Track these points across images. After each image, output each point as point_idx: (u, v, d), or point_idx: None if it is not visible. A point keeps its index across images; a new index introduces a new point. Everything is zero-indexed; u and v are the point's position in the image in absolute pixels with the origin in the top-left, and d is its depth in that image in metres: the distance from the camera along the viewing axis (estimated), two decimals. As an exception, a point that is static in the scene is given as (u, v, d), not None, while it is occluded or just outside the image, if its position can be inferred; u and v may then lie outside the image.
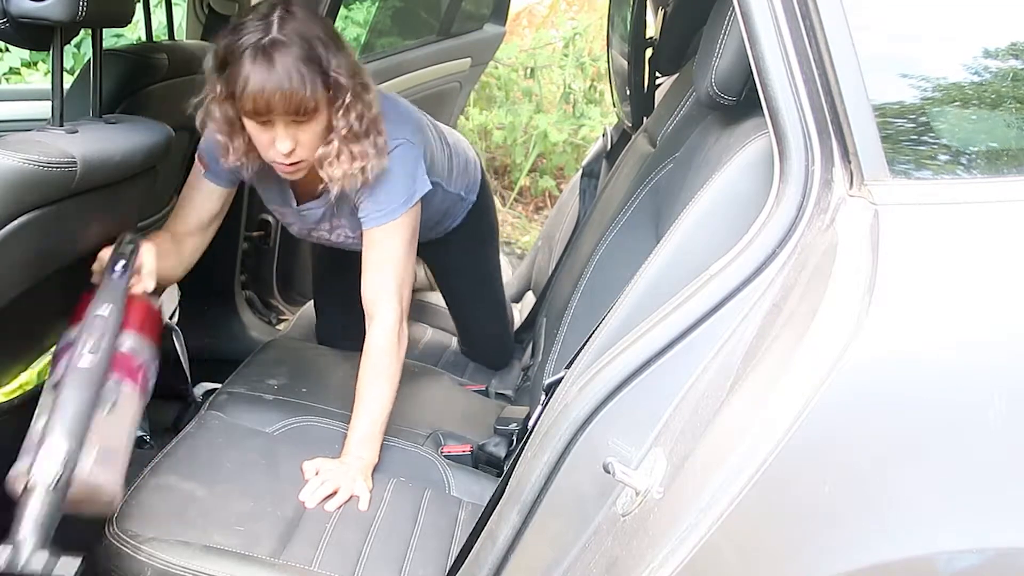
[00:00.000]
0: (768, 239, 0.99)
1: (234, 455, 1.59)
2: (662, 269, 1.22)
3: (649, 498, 0.96)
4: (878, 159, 0.94)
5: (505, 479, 1.25)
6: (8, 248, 1.30)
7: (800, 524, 0.89)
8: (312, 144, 1.57)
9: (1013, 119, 0.99)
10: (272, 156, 1.58)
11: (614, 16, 2.63)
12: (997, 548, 0.86)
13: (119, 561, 1.34)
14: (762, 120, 1.02)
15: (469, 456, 1.75)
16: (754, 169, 1.16)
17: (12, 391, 1.49)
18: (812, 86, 0.97)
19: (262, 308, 2.89)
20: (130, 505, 1.43)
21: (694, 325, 1.02)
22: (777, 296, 0.97)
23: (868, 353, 0.85)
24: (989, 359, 0.87)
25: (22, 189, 1.28)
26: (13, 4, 1.30)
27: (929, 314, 0.88)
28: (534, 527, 1.11)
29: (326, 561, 1.40)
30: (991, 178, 0.97)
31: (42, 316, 1.57)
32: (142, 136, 1.59)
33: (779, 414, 0.86)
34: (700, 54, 1.34)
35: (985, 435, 0.86)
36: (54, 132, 1.41)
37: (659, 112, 2.01)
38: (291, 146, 1.55)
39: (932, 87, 0.98)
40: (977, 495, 0.86)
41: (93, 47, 1.57)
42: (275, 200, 1.86)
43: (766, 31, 0.98)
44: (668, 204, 1.55)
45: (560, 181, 5.06)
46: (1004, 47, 0.99)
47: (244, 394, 1.79)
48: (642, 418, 1.04)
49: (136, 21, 1.98)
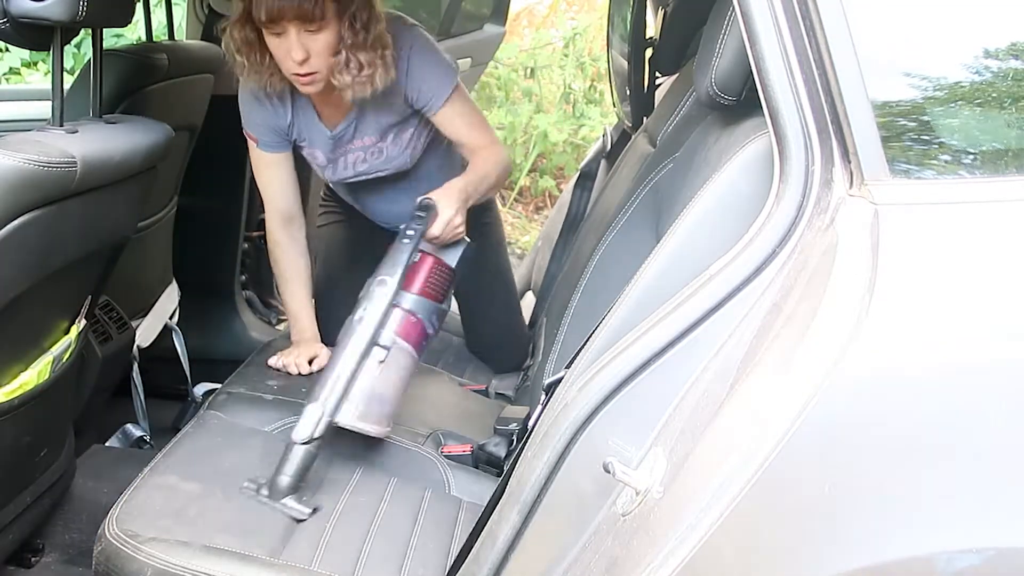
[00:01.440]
0: (768, 239, 0.99)
1: (234, 455, 1.59)
2: (662, 269, 1.22)
3: (649, 498, 0.96)
4: (878, 159, 0.94)
5: (505, 479, 1.25)
6: (8, 248, 1.30)
7: (800, 524, 0.89)
8: (324, 54, 1.69)
9: (1014, 119, 0.99)
10: (289, 68, 1.71)
11: (614, 16, 2.63)
12: (997, 548, 0.86)
13: (119, 561, 1.34)
14: (762, 120, 1.02)
15: (469, 456, 1.75)
16: (754, 169, 1.16)
17: (12, 391, 1.49)
18: (812, 86, 0.96)
19: (262, 308, 2.89)
20: (130, 505, 1.43)
21: (694, 325, 1.02)
22: (777, 296, 0.97)
23: (868, 353, 0.85)
24: (989, 359, 0.87)
25: (22, 189, 1.28)
26: (13, 4, 1.30)
27: (929, 314, 0.88)
28: (534, 527, 1.11)
29: (326, 561, 1.39)
30: (991, 178, 0.97)
31: (42, 316, 1.57)
32: (142, 136, 1.59)
33: (779, 414, 0.86)
34: (700, 54, 1.34)
35: (985, 435, 0.86)
36: (54, 132, 1.41)
37: (659, 112, 2.01)
38: (303, 55, 1.67)
39: (932, 87, 0.98)
40: (977, 494, 0.86)
41: (93, 47, 1.57)
42: (308, 140, 1.93)
43: (766, 31, 0.98)
44: (668, 204, 1.55)
45: (560, 181, 5.06)
46: (1004, 47, 0.99)
47: (244, 394, 1.79)
48: (642, 418, 1.04)
49: (136, 21, 1.99)
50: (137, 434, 2.29)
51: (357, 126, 1.91)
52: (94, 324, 2.00)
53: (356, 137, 1.93)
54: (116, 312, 2.12)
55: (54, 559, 1.85)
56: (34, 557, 1.84)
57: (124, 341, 2.12)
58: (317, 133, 1.92)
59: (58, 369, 1.62)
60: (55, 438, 1.77)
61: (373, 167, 1.98)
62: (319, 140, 1.93)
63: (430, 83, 1.85)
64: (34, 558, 1.84)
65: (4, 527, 1.62)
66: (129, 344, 2.17)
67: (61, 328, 1.65)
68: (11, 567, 1.79)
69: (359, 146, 1.94)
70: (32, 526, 1.76)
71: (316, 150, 1.95)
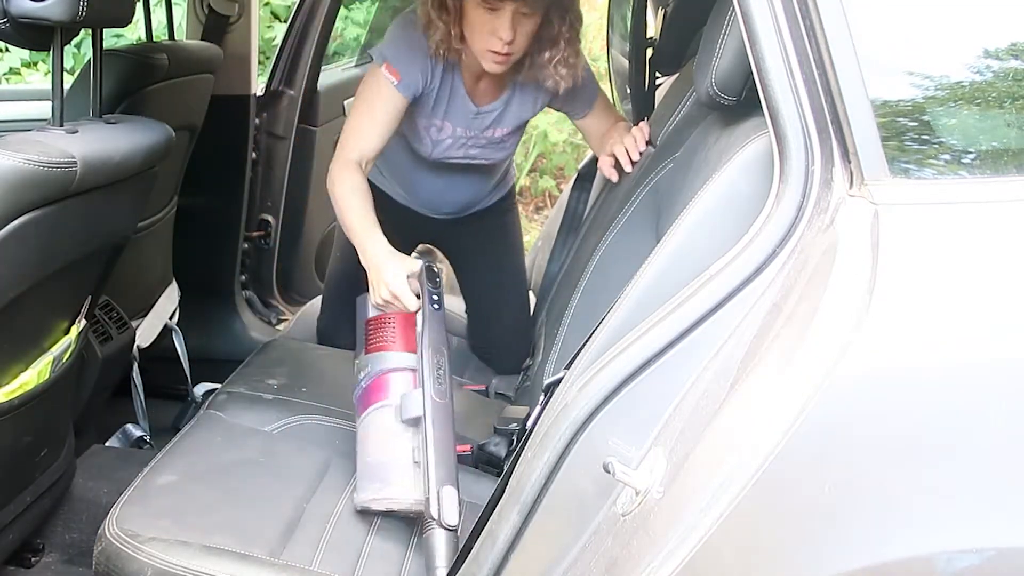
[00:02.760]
0: (768, 239, 0.99)
1: (234, 454, 1.59)
2: (662, 269, 1.21)
3: (649, 498, 0.96)
4: (878, 159, 0.94)
5: (505, 479, 1.24)
6: (8, 248, 1.30)
7: (800, 524, 0.89)
8: (525, 40, 1.73)
9: (1013, 119, 0.99)
10: (489, 44, 1.71)
11: (614, 16, 2.63)
12: (997, 548, 0.86)
13: (119, 561, 1.34)
14: (762, 120, 1.02)
15: (469, 456, 1.75)
16: (754, 169, 1.16)
17: (12, 391, 1.49)
18: (812, 86, 0.96)
19: (262, 308, 2.89)
20: (130, 505, 1.43)
21: (694, 325, 1.02)
22: (777, 296, 0.97)
23: (868, 353, 0.85)
24: (989, 359, 0.87)
25: (22, 189, 1.28)
26: (13, 4, 1.30)
27: (929, 313, 0.88)
28: (534, 527, 1.11)
29: (326, 561, 1.40)
30: (991, 178, 0.97)
31: (42, 316, 1.57)
32: (142, 136, 1.59)
33: (779, 414, 0.86)
34: (700, 54, 1.34)
35: (985, 435, 0.86)
36: (54, 132, 1.41)
37: (659, 112, 2.01)
38: (512, 35, 1.69)
39: (932, 87, 0.98)
40: (977, 494, 0.86)
41: (93, 47, 1.57)
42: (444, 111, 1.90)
43: (766, 31, 0.98)
44: (668, 204, 1.55)
45: (560, 181, 5.06)
46: (1004, 47, 0.99)
47: (244, 394, 1.79)
48: (642, 418, 1.04)
49: (136, 21, 1.98)
50: (137, 434, 2.29)
51: (503, 113, 1.94)
52: (94, 324, 2.00)
53: (494, 125, 1.95)
54: (116, 312, 2.12)
55: (54, 559, 1.85)
56: (34, 557, 1.84)
57: (124, 341, 2.12)
58: (461, 108, 1.91)
59: (58, 369, 1.62)
60: (55, 438, 1.77)
61: (481, 155, 2.00)
62: (460, 115, 1.91)
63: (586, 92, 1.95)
64: (34, 558, 1.84)
65: (4, 527, 1.62)
66: (129, 344, 2.17)
67: (61, 328, 1.65)
68: (11, 567, 1.79)
69: (489, 135, 1.96)
70: (32, 526, 1.76)
71: (448, 123, 1.92)
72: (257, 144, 2.73)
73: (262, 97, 2.74)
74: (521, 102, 1.93)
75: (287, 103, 2.76)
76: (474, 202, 2.16)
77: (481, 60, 1.76)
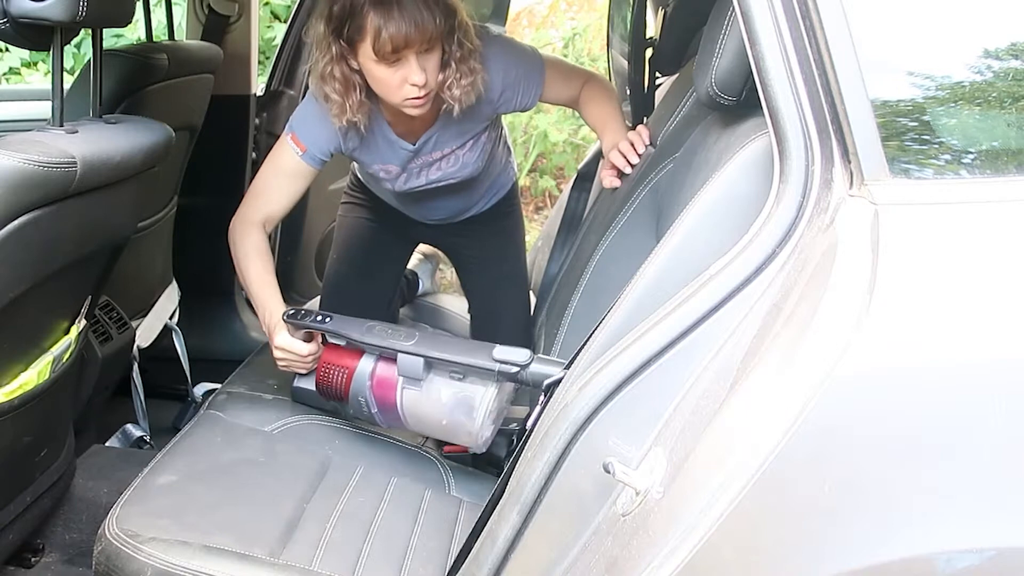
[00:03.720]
0: (768, 239, 0.99)
1: (234, 454, 1.59)
2: (662, 269, 1.21)
3: (649, 498, 0.96)
4: (878, 159, 0.94)
5: (505, 479, 1.25)
6: (8, 248, 1.30)
7: (800, 524, 0.89)
8: (435, 71, 1.68)
9: (1014, 119, 0.99)
10: (405, 93, 1.67)
11: (614, 16, 2.63)
12: (997, 548, 0.86)
13: (119, 561, 1.34)
14: (762, 120, 1.02)
15: (469, 456, 1.75)
16: (754, 169, 1.16)
17: (12, 391, 1.49)
18: (812, 86, 0.96)
19: (262, 308, 2.88)
20: (130, 505, 1.43)
21: (694, 325, 1.02)
22: (777, 296, 0.97)
23: (868, 353, 0.85)
24: (989, 359, 0.87)
25: (22, 189, 1.28)
26: (13, 4, 1.30)
27: (929, 314, 0.88)
28: (534, 527, 1.11)
29: (326, 561, 1.40)
30: (992, 178, 0.97)
31: (42, 316, 1.57)
32: (142, 136, 1.59)
33: (779, 414, 0.86)
34: (700, 54, 1.34)
35: (985, 434, 0.86)
36: (54, 132, 1.41)
37: (659, 112, 2.01)
38: (424, 76, 1.64)
39: (932, 87, 0.98)
40: (977, 494, 0.86)
41: (93, 47, 1.57)
42: (380, 157, 1.90)
43: (766, 31, 0.98)
44: (668, 204, 1.55)
45: (560, 181, 5.06)
46: (1004, 47, 0.99)
47: (244, 394, 1.79)
48: (642, 418, 1.04)
49: (136, 21, 1.98)
50: (137, 434, 2.29)
51: (439, 137, 1.89)
52: (94, 324, 2.00)
53: (436, 148, 1.90)
54: (116, 312, 2.13)
55: (54, 559, 1.85)
56: (34, 557, 1.84)
57: (124, 341, 2.12)
58: (394, 150, 1.88)
59: (58, 369, 1.62)
60: (55, 438, 1.77)
61: (447, 174, 1.96)
62: (396, 156, 1.89)
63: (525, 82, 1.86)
64: (34, 558, 1.84)
65: (4, 527, 1.62)
66: (129, 344, 2.17)
67: (61, 328, 1.65)
68: (11, 567, 1.79)
69: (437, 156, 1.92)
70: (32, 526, 1.76)
71: (390, 165, 1.91)
72: (257, 144, 2.73)
73: (262, 97, 2.74)
74: (460, 118, 1.83)
75: (287, 103, 2.76)
76: (466, 209, 2.15)
77: (403, 110, 1.72)
